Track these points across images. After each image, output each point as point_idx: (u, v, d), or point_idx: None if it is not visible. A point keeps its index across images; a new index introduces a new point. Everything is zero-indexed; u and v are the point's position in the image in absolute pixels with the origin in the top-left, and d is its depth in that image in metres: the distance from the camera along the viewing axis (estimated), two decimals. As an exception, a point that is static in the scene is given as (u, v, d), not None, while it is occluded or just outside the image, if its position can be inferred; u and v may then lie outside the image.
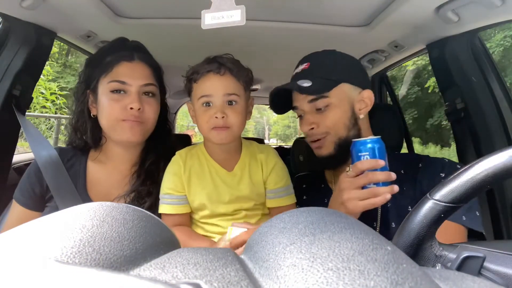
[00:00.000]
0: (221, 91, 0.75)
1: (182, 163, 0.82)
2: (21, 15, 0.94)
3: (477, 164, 0.35)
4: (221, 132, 0.76)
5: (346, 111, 0.78)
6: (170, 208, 0.80)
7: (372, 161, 0.62)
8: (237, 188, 0.81)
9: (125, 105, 0.79)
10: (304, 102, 0.79)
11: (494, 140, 0.99)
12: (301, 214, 0.26)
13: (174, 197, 0.80)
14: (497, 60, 8.47)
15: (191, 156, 0.84)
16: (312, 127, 0.78)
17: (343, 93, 0.78)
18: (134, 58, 0.83)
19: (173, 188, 0.80)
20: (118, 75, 0.80)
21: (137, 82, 0.80)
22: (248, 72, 0.81)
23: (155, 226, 0.27)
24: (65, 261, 0.19)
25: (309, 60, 0.81)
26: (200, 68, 0.77)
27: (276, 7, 0.98)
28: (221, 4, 0.58)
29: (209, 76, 0.76)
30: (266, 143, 3.65)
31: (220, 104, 0.75)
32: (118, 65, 0.80)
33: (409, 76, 10.23)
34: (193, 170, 0.82)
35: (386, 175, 0.62)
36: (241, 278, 0.19)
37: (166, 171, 0.83)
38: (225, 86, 0.76)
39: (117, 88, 0.80)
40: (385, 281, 0.16)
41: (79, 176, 0.85)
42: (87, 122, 0.85)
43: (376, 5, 0.94)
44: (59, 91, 6.37)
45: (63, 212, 0.25)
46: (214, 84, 0.76)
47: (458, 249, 0.37)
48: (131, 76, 0.80)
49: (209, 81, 0.76)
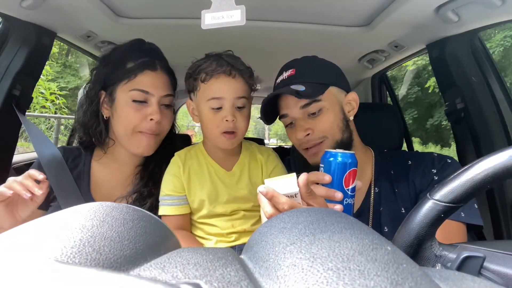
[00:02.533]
0: (233, 94, 0.75)
1: (181, 163, 0.82)
2: (21, 15, 0.94)
3: (477, 164, 0.35)
4: (231, 138, 0.76)
5: (338, 113, 0.77)
6: (171, 209, 0.79)
7: (319, 175, 0.59)
8: (235, 188, 0.80)
9: (146, 115, 0.79)
10: (295, 109, 0.76)
11: (494, 140, 0.99)
12: (301, 214, 0.26)
13: (175, 198, 0.80)
14: (497, 60, 8.48)
15: (190, 156, 0.84)
16: (308, 133, 0.76)
17: (333, 96, 0.77)
18: (157, 67, 0.82)
19: (173, 190, 0.80)
20: (142, 84, 0.79)
21: (159, 92, 0.80)
22: (252, 73, 0.80)
23: (155, 226, 0.27)
24: (65, 261, 0.19)
25: (294, 67, 0.79)
26: (209, 68, 0.74)
27: (276, 7, 0.98)
28: (221, 4, 0.58)
29: (221, 78, 0.74)
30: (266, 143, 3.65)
31: (231, 107, 0.75)
32: (142, 74, 0.79)
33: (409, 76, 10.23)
34: (192, 170, 0.81)
35: (324, 191, 0.57)
36: (241, 278, 0.19)
37: (166, 172, 0.83)
38: (236, 89, 0.75)
39: (140, 98, 0.79)
40: (385, 281, 0.16)
41: (83, 176, 0.86)
42: (99, 124, 0.84)
43: (376, 5, 0.94)
44: (59, 91, 6.37)
45: (63, 212, 0.25)
46: (226, 87, 0.74)
47: (458, 249, 0.37)
48: (155, 86, 0.80)
49: (220, 82, 0.74)
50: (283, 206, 0.51)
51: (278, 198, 0.51)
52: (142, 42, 0.86)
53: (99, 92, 0.83)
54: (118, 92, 0.80)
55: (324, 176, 0.58)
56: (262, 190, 0.52)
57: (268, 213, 0.53)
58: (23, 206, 0.70)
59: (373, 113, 1.12)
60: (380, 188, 0.79)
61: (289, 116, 0.79)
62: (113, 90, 0.80)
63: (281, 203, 0.51)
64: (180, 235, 0.77)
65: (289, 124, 0.81)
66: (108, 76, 0.82)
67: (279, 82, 0.81)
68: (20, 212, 0.70)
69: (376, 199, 0.78)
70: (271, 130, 31.49)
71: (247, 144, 0.89)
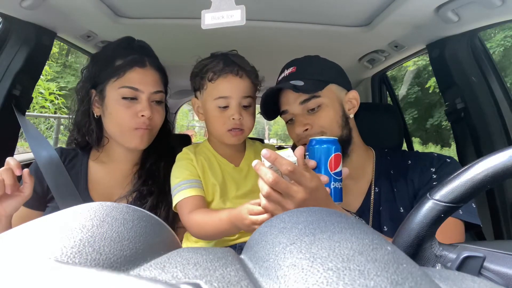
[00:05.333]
0: (240, 93, 0.77)
1: (193, 156, 0.82)
2: (21, 15, 0.94)
3: (477, 164, 0.35)
4: (237, 134, 0.78)
5: (337, 110, 0.78)
6: (192, 190, 0.76)
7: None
8: (243, 183, 0.81)
9: (136, 112, 0.79)
10: (295, 105, 0.78)
11: (494, 140, 0.99)
12: (301, 214, 0.26)
13: (193, 181, 0.78)
14: (497, 60, 8.48)
15: (199, 152, 0.84)
16: (307, 128, 0.77)
17: (333, 93, 0.78)
18: (146, 64, 0.82)
19: (190, 174, 0.78)
20: (131, 81, 0.78)
21: (149, 89, 0.80)
22: (257, 73, 0.82)
23: (155, 226, 0.27)
24: (65, 261, 0.19)
25: (295, 65, 0.81)
26: (217, 67, 0.76)
27: (276, 7, 0.98)
28: (221, 4, 0.58)
29: (229, 77, 0.76)
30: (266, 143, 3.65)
31: (238, 106, 0.77)
32: (131, 71, 0.79)
33: (409, 76, 10.24)
34: (205, 163, 0.82)
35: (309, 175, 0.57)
36: (241, 278, 0.19)
37: (177, 162, 0.82)
38: (243, 88, 0.77)
39: (130, 95, 0.79)
40: (385, 281, 0.16)
41: (80, 177, 0.85)
42: (91, 122, 0.84)
43: (376, 5, 0.94)
44: (59, 91, 6.37)
45: (63, 212, 0.25)
46: (233, 86, 0.76)
47: (458, 249, 0.37)
48: (144, 83, 0.79)
49: (228, 82, 0.76)
50: (286, 167, 0.52)
51: (281, 159, 0.53)
52: (131, 40, 0.86)
53: (89, 90, 0.83)
54: (107, 90, 0.80)
55: (309, 162, 0.60)
56: (266, 153, 0.53)
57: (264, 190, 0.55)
58: (7, 200, 0.67)
59: (373, 113, 1.12)
60: (380, 188, 0.79)
61: (289, 112, 0.80)
62: (103, 88, 0.80)
63: (285, 164, 0.52)
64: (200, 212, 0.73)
65: (289, 121, 0.83)
66: (97, 74, 0.81)
67: (280, 79, 0.83)
68: (4, 206, 0.67)
69: (376, 199, 0.78)
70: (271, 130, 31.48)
71: (251, 142, 0.90)
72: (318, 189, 0.54)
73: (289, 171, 0.52)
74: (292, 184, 0.53)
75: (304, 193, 0.53)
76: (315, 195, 0.54)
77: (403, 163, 0.79)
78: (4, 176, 0.64)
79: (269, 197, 0.55)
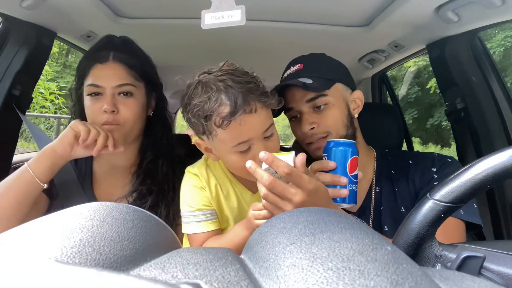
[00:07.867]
0: (261, 129, 0.63)
1: (206, 183, 0.73)
2: (21, 15, 0.94)
3: (477, 164, 0.35)
4: None
5: (343, 110, 0.78)
6: (208, 225, 0.71)
7: (323, 162, 0.63)
8: None
9: (100, 107, 0.79)
10: (302, 102, 0.77)
11: (494, 140, 0.99)
12: (301, 214, 0.26)
13: (209, 212, 0.73)
14: (498, 60, 8.47)
15: (212, 174, 0.75)
16: (313, 127, 0.77)
17: (339, 92, 0.78)
18: (109, 59, 0.81)
19: (204, 205, 0.73)
20: (93, 78, 0.80)
21: (110, 83, 0.79)
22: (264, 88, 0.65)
23: (155, 226, 0.27)
24: (65, 261, 0.19)
25: (301, 62, 0.80)
26: (223, 110, 0.59)
27: (276, 7, 0.98)
28: (221, 4, 0.58)
29: (243, 119, 0.59)
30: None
31: (261, 143, 0.63)
32: (93, 68, 0.80)
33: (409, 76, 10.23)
34: (219, 192, 0.74)
35: (330, 177, 0.61)
36: (241, 278, 0.19)
37: (188, 189, 0.75)
38: (262, 123, 0.63)
39: (93, 92, 0.80)
40: (385, 281, 0.16)
41: (85, 175, 0.86)
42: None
43: (376, 5, 0.94)
44: (59, 90, 6.37)
45: (63, 212, 0.25)
46: (252, 126, 0.61)
47: (458, 249, 0.37)
48: (105, 78, 0.80)
49: (245, 125, 0.60)
50: (283, 169, 0.52)
51: (278, 162, 0.52)
52: (108, 37, 0.87)
53: (78, 90, 0.86)
54: (84, 89, 0.82)
55: (329, 163, 0.61)
56: (263, 156, 0.53)
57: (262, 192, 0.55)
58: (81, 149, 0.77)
59: (373, 113, 1.11)
60: (381, 188, 0.79)
61: (295, 110, 0.80)
62: (81, 88, 0.83)
63: (281, 166, 0.52)
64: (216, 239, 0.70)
65: (293, 118, 0.82)
66: (78, 77, 0.85)
67: (287, 75, 0.82)
68: (76, 150, 0.76)
69: (377, 199, 0.78)
70: (271, 130, 31.34)
71: None
72: (317, 191, 0.54)
73: (286, 173, 0.51)
74: (290, 186, 0.53)
75: (302, 195, 0.52)
76: (314, 197, 0.54)
77: (404, 163, 0.79)
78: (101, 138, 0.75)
79: (266, 198, 0.55)
